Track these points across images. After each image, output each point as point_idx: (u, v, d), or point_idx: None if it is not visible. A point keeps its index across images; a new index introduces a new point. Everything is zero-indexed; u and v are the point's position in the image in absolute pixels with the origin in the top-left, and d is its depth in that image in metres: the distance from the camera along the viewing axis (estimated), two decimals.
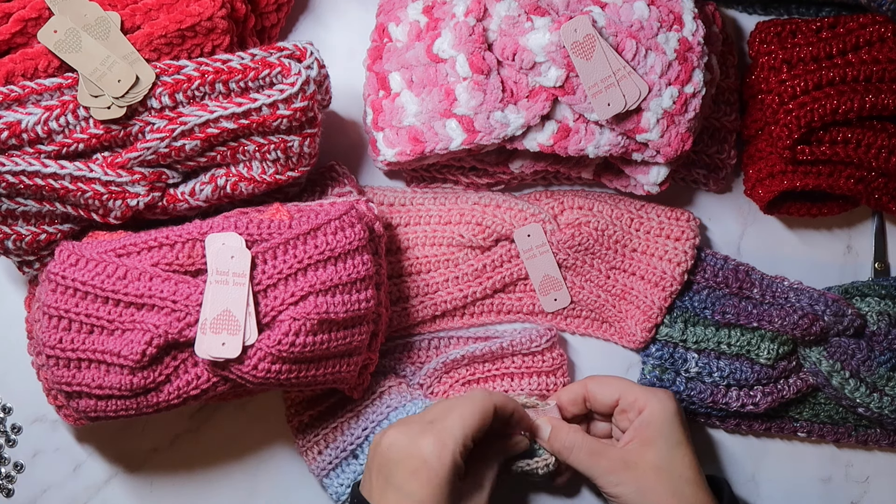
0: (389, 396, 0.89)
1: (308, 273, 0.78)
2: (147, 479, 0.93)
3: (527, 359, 0.91)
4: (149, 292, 0.76)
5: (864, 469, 0.97)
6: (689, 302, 0.92)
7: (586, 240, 0.91)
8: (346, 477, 0.89)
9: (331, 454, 0.90)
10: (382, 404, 0.89)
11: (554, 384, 0.92)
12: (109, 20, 0.80)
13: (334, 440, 0.89)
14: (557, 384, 0.92)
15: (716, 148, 0.95)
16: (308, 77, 0.81)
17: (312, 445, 0.90)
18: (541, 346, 0.91)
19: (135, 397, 0.78)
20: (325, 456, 0.90)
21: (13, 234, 0.82)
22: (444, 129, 0.86)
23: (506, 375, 0.92)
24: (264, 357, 0.76)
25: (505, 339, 0.90)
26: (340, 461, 0.90)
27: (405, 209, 0.94)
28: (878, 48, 0.91)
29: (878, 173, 0.92)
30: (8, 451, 0.93)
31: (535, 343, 0.90)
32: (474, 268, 0.92)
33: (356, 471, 0.89)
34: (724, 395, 0.91)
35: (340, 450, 0.89)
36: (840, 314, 0.89)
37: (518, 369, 0.91)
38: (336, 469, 0.90)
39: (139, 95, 0.79)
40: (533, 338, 0.90)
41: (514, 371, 0.92)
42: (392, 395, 0.89)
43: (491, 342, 0.90)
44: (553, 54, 0.83)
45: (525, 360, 0.91)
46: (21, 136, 0.78)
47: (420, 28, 0.87)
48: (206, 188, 0.83)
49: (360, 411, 0.89)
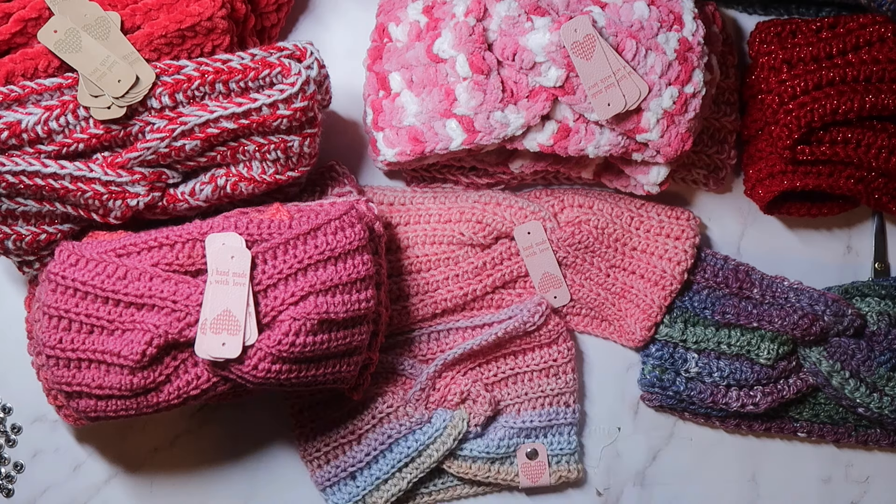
0: (389, 425, 0.90)
1: (308, 273, 0.78)
2: (147, 479, 0.93)
3: (524, 336, 0.91)
4: (149, 292, 0.76)
5: (864, 469, 0.97)
6: (689, 302, 0.92)
7: (586, 238, 0.91)
8: (341, 496, 0.90)
9: (330, 471, 0.91)
10: (383, 434, 0.90)
11: (558, 352, 0.92)
12: (109, 20, 0.80)
13: (335, 458, 0.90)
14: (562, 352, 0.92)
15: (716, 148, 0.95)
16: (308, 77, 0.81)
17: (314, 458, 0.90)
18: (536, 323, 0.91)
19: (135, 397, 0.78)
20: (324, 472, 0.91)
21: (13, 234, 0.82)
22: (444, 129, 0.86)
23: (508, 355, 0.92)
24: (264, 357, 0.76)
25: (499, 327, 0.90)
26: (339, 480, 0.91)
27: (405, 208, 0.94)
28: (878, 48, 0.91)
29: (878, 173, 0.92)
30: (8, 451, 0.93)
31: (529, 323, 0.90)
32: (474, 266, 0.92)
33: (352, 492, 0.90)
34: (724, 395, 0.91)
35: (340, 469, 0.90)
36: (840, 314, 0.89)
37: (519, 347, 0.92)
38: (334, 486, 0.90)
39: (139, 95, 0.79)
40: (526, 318, 0.90)
41: (516, 349, 0.92)
42: (391, 422, 0.90)
43: (486, 333, 0.90)
44: (553, 54, 0.83)
45: (523, 338, 0.91)
46: (21, 136, 0.77)
47: (420, 28, 0.87)
48: (206, 188, 0.83)
49: (361, 435, 0.90)
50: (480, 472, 0.89)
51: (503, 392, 0.92)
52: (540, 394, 0.92)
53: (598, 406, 0.96)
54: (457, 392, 0.89)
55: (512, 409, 0.92)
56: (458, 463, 0.90)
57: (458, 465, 0.90)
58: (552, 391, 0.91)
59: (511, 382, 0.92)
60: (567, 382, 0.91)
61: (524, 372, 0.92)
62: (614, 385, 0.96)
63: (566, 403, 0.91)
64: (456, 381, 0.90)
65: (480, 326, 0.93)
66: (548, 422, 0.92)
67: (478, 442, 0.90)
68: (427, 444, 0.89)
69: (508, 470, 0.90)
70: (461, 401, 0.90)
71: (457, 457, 0.90)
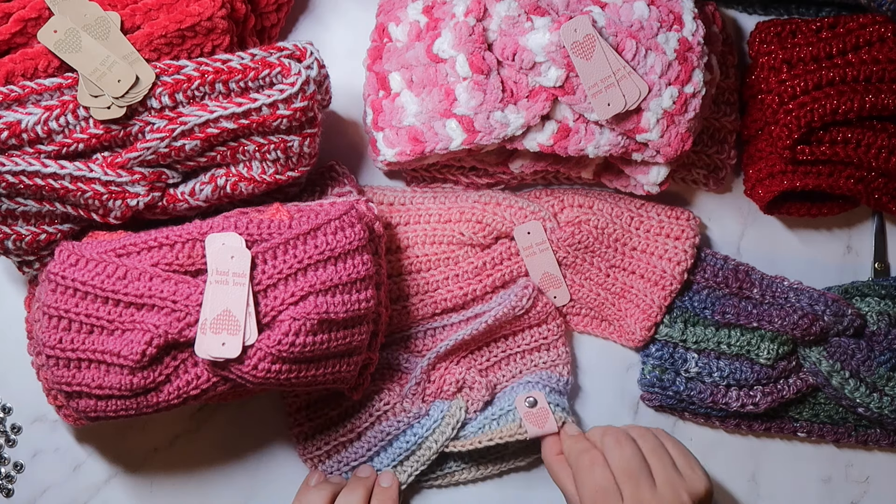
0: (387, 422, 0.90)
1: (308, 273, 0.78)
2: (147, 479, 0.93)
3: (516, 320, 0.91)
4: (149, 292, 0.76)
5: (864, 469, 0.97)
6: (689, 302, 0.92)
7: (586, 238, 0.91)
8: None
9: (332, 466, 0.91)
10: (382, 431, 0.90)
11: (548, 330, 0.92)
12: (109, 20, 0.80)
13: (337, 453, 0.90)
14: (552, 329, 0.92)
15: (716, 148, 0.95)
16: (308, 77, 0.81)
17: (314, 457, 0.90)
18: (524, 307, 0.91)
19: (135, 397, 0.78)
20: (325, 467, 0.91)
21: (13, 234, 0.82)
22: (444, 129, 0.86)
23: (500, 339, 0.92)
24: (264, 357, 0.76)
25: (489, 315, 0.90)
26: (340, 475, 0.91)
27: (405, 208, 0.94)
28: (878, 48, 0.91)
29: (878, 173, 0.92)
30: (8, 451, 0.93)
31: (518, 307, 0.90)
32: (474, 265, 0.92)
33: None
34: (724, 395, 0.91)
35: (343, 464, 0.91)
36: (840, 314, 0.89)
37: (510, 330, 0.92)
38: None
39: (139, 95, 0.79)
40: (514, 303, 0.90)
41: (506, 332, 0.92)
42: (389, 419, 0.90)
43: (477, 322, 0.89)
44: (553, 54, 0.83)
45: (514, 322, 0.91)
46: (21, 136, 0.77)
47: (420, 28, 0.87)
48: (206, 188, 0.83)
49: (360, 433, 0.90)
50: (484, 438, 0.88)
51: (498, 375, 0.92)
52: (532, 367, 0.92)
53: (598, 406, 0.96)
54: (452, 382, 0.89)
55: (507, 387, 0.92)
56: (462, 441, 0.89)
57: (462, 442, 0.89)
58: (544, 364, 0.92)
59: (504, 364, 0.93)
60: (559, 355, 0.91)
61: (516, 352, 0.92)
62: (614, 385, 0.96)
63: (560, 373, 0.91)
64: (450, 370, 0.90)
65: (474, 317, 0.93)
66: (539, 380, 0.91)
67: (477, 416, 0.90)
68: (426, 436, 0.89)
69: (511, 425, 0.88)
70: (458, 389, 0.90)
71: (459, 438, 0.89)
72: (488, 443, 0.88)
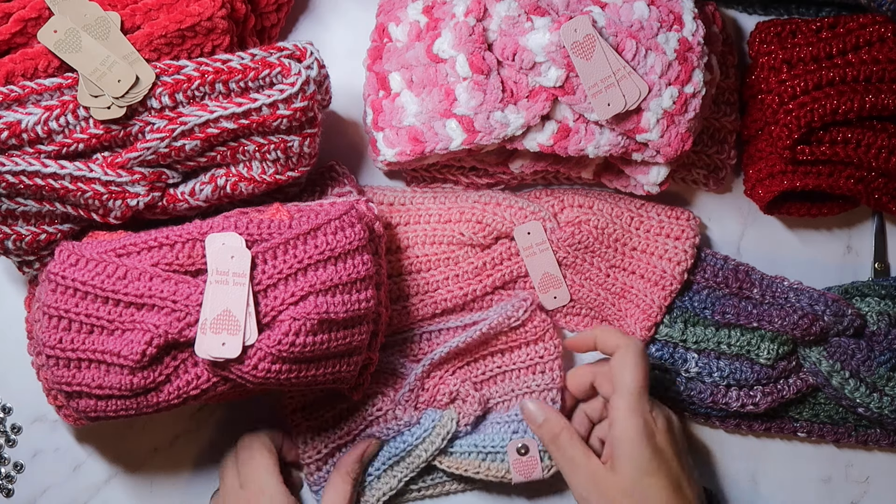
0: (377, 428, 0.90)
1: (308, 273, 0.78)
2: (147, 479, 0.93)
3: (511, 333, 0.91)
4: (149, 292, 0.76)
5: (864, 469, 0.97)
6: (689, 302, 0.92)
7: (586, 238, 0.91)
8: None
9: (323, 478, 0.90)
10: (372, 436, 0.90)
11: (545, 349, 0.91)
12: (109, 20, 0.80)
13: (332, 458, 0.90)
14: (548, 349, 0.91)
15: (716, 148, 0.95)
16: (308, 77, 0.81)
17: (313, 461, 0.90)
18: (521, 319, 0.90)
19: (135, 397, 0.78)
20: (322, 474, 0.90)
21: (13, 234, 0.82)
22: (444, 129, 0.86)
23: (496, 353, 0.92)
24: (264, 357, 0.76)
25: (484, 323, 0.90)
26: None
27: (405, 208, 0.94)
28: (878, 48, 0.91)
29: (878, 173, 0.92)
30: (8, 451, 0.93)
31: (513, 318, 0.90)
32: (474, 266, 0.92)
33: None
34: (724, 395, 0.91)
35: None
36: (840, 314, 0.89)
37: (506, 345, 0.91)
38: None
39: (139, 95, 0.79)
40: (511, 313, 0.90)
41: (503, 347, 0.91)
42: (380, 425, 0.90)
43: (471, 330, 0.89)
44: (553, 54, 0.83)
45: (510, 335, 0.91)
46: (21, 136, 0.78)
47: (420, 28, 0.87)
48: (206, 188, 0.83)
49: (355, 436, 0.90)
50: (471, 467, 0.89)
51: (492, 390, 0.92)
52: (526, 389, 0.91)
53: None
54: (446, 392, 0.89)
55: (501, 407, 0.92)
56: (450, 460, 0.90)
57: (450, 461, 0.89)
58: (538, 387, 0.91)
59: (499, 380, 0.92)
60: (553, 379, 0.91)
61: (511, 370, 0.92)
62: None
63: (552, 399, 0.91)
64: (445, 380, 0.90)
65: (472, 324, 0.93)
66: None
67: (468, 438, 0.90)
68: (416, 444, 0.89)
69: (499, 467, 0.89)
70: (451, 400, 0.90)
71: (448, 454, 0.90)
72: (474, 474, 0.89)
